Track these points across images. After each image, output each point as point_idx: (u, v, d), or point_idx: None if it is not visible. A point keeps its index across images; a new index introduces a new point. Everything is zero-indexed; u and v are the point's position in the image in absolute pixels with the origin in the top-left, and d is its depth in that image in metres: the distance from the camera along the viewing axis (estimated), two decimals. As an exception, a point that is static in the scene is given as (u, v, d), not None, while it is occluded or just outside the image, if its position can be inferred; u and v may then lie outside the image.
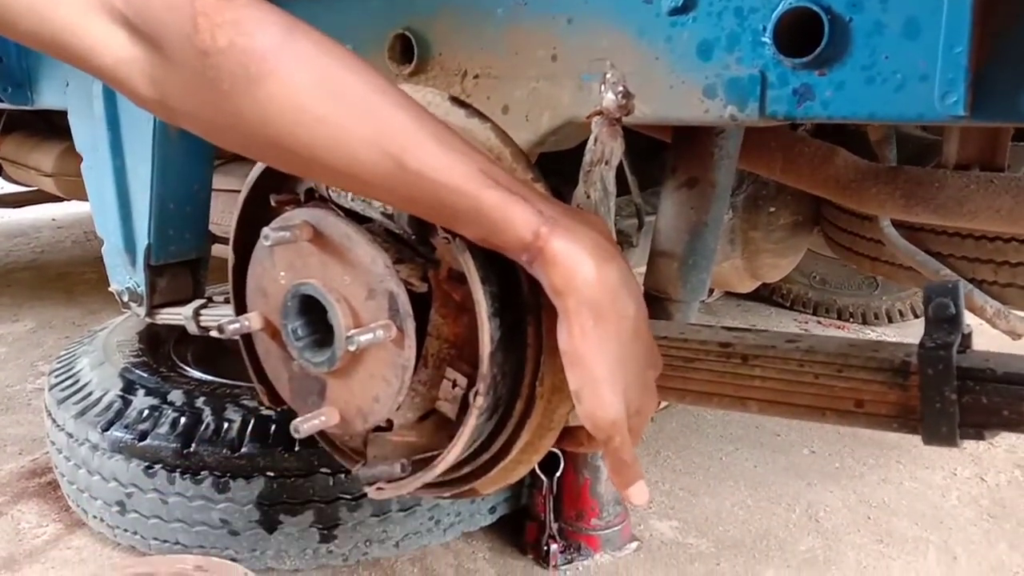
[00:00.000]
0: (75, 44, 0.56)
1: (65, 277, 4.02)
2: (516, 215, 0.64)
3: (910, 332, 3.30)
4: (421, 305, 0.78)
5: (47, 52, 0.57)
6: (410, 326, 0.75)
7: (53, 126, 2.71)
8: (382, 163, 0.62)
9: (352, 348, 0.74)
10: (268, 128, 0.61)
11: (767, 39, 0.74)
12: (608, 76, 0.74)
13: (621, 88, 0.74)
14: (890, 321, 3.33)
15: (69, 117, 1.65)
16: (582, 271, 0.64)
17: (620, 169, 0.80)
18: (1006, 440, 2.34)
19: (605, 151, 0.76)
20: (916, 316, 3.29)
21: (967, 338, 0.75)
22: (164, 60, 0.58)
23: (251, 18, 0.58)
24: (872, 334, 3.30)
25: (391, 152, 0.62)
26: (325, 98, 0.61)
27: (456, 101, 0.80)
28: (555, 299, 0.66)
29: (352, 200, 0.80)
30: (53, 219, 5.22)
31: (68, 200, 3.24)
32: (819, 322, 3.42)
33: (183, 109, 0.62)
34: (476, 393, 0.73)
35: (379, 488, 0.85)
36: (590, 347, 0.65)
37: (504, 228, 0.64)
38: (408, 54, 1.03)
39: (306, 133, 0.61)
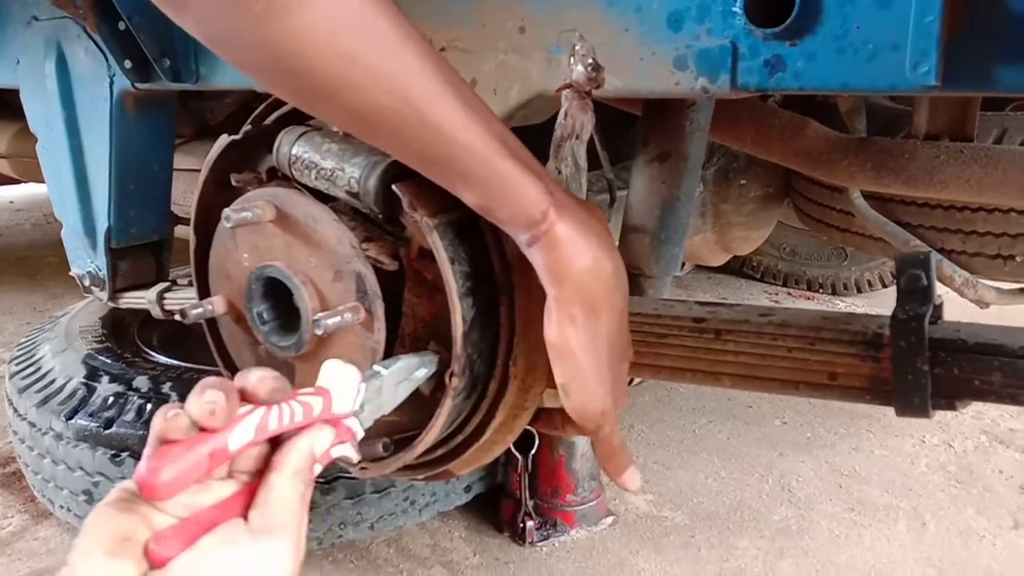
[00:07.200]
0: None
1: (25, 261, 3.92)
2: (528, 191, 0.62)
3: (878, 302, 3.34)
4: (395, 284, 0.77)
5: None
6: (379, 308, 0.73)
7: (6, 105, 2.62)
8: (403, 112, 0.60)
9: (320, 332, 0.72)
10: (295, 60, 0.58)
11: (738, 9, 0.73)
12: (577, 48, 0.73)
13: (591, 61, 0.72)
14: (859, 291, 3.38)
15: (21, 96, 1.59)
16: (583, 259, 0.63)
17: (591, 143, 0.78)
18: (972, 407, 2.38)
19: (575, 125, 0.74)
20: (884, 286, 3.34)
21: (938, 309, 0.75)
22: None
23: None
24: (841, 304, 3.34)
25: (414, 102, 0.60)
26: (358, 39, 0.58)
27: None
28: (549, 284, 0.64)
29: (316, 179, 0.78)
30: (11, 201, 5.09)
31: (24, 182, 3.16)
32: (789, 293, 3.46)
33: (209, 27, 0.60)
34: (451, 374, 0.72)
35: (363, 468, 0.83)
36: (580, 340, 0.64)
37: (513, 201, 0.63)
38: (372, 27, 1.00)
39: (333, 70, 0.59)
